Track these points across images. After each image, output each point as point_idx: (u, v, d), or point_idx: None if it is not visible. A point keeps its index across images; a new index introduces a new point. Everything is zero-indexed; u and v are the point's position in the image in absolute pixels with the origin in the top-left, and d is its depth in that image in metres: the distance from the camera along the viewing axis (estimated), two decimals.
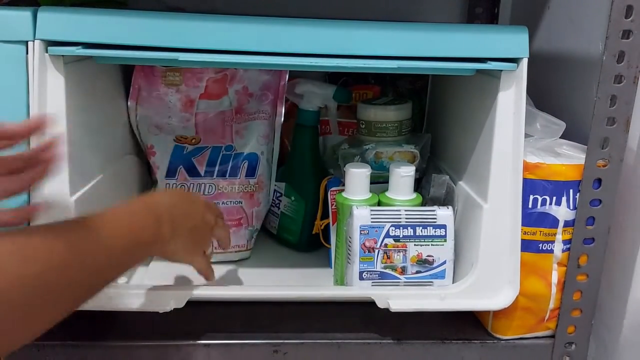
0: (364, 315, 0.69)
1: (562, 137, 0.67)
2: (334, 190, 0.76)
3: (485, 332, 0.69)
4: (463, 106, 0.75)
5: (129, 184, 0.81)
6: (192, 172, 0.81)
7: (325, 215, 0.80)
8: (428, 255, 0.66)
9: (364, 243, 0.66)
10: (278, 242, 0.88)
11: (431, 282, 0.67)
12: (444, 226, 0.66)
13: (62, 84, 0.58)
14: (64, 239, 0.43)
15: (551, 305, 0.66)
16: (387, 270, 0.66)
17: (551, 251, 0.64)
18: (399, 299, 0.64)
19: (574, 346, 0.67)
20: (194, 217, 0.61)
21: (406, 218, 0.66)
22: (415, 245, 0.66)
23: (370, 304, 0.64)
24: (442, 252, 0.66)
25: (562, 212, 0.63)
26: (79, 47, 0.57)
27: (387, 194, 0.71)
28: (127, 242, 0.50)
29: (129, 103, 0.79)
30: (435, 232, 0.66)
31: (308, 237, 0.84)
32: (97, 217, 0.48)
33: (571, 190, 0.62)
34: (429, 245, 0.66)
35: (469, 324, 0.70)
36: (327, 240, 0.80)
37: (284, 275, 0.79)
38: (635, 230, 0.67)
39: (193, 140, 0.81)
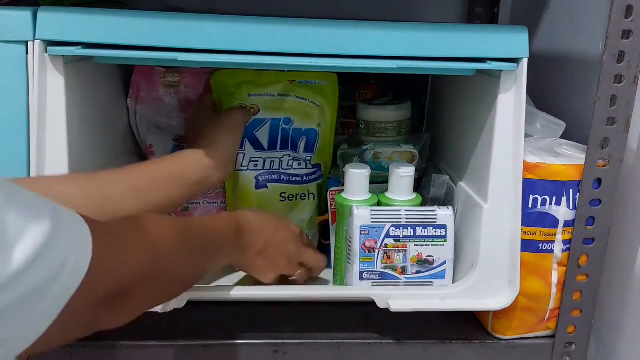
0: (364, 316, 0.69)
1: (562, 137, 0.67)
2: (333, 191, 0.76)
3: (485, 332, 0.69)
4: (463, 106, 0.75)
5: None
6: None
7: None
8: (428, 256, 0.66)
9: (364, 243, 0.65)
10: None
11: (431, 282, 0.67)
12: (444, 226, 0.66)
13: (62, 84, 0.58)
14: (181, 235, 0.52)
15: (551, 305, 0.66)
16: (387, 271, 0.66)
17: (551, 251, 0.64)
18: (399, 299, 0.64)
19: (574, 346, 0.67)
20: (274, 240, 0.65)
21: (406, 218, 0.66)
22: (415, 245, 0.66)
23: (370, 304, 0.64)
24: (442, 252, 0.66)
25: (562, 212, 0.63)
26: (79, 47, 0.57)
27: (386, 194, 0.71)
28: (210, 244, 0.57)
29: (128, 102, 0.79)
30: (435, 232, 0.66)
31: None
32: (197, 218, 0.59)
33: (571, 190, 0.62)
34: (429, 245, 0.66)
35: (469, 324, 0.70)
36: (327, 240, 0.79)
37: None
38: (635, 230, 0.67)
39: None
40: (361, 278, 0.66)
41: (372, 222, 0.66)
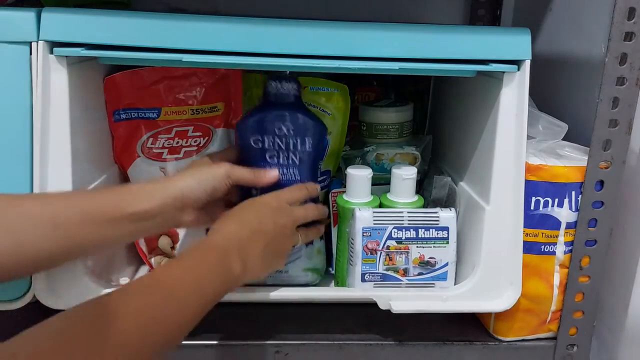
0: (365, 317, 0.69)
1: (565, 138, 0.67)
2: (335, 192, 0.76)
3: (487, 334, 0.69)
4: (465, 108, 0.75)
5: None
6: None
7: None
8: (430, 257, 0.66)
9: (366, 245, 0.66)
10: None
11: (433, 283, 0.67)
12: (446, 228, 0.66)
13: (66, 84, 0.59)
14: (142, 311, 0.44)
15: (553, 307, 0.66)
16: (389, 272, 0.66)
17: (553, 253, 0.64)
18: (401, 300, 0.64)
19: (575, 348, 0.67)
20: (264, 233, 0.58)
21: (409, 220, 0.66)
22: (417, 247, 0.66)
23: (372, 306, 0.64)
24: (445, 254, 0.66)
25: (564, 213, 0.63)
26: (83, 47, 0.57)
27: (388, 196, 0.71)
28: (197, 298, 0.49)
29: None
30: (437, 234, 0.66)
31: None
32: (166, 276, 0.49)
33: (573, 192, 0.62)
34: (431, 247, 0.66)
35: (470, 326, 0.70)
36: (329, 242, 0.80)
37: None
38: (637, 231, 0.67)
39: None
40: (363, 280, 0.66)
41: (374, 223, 0.66)
